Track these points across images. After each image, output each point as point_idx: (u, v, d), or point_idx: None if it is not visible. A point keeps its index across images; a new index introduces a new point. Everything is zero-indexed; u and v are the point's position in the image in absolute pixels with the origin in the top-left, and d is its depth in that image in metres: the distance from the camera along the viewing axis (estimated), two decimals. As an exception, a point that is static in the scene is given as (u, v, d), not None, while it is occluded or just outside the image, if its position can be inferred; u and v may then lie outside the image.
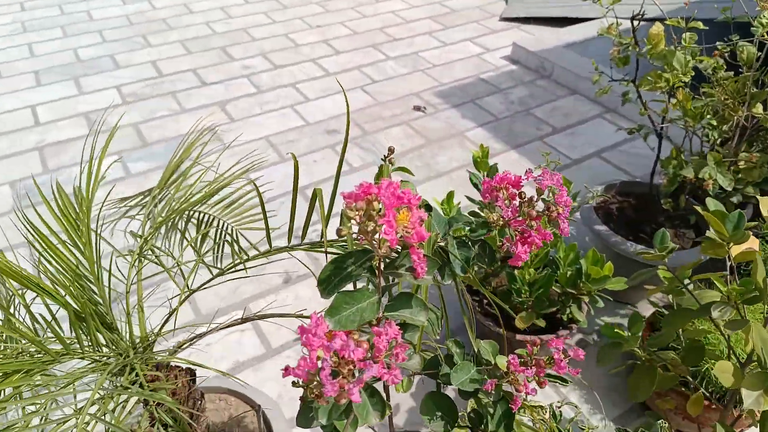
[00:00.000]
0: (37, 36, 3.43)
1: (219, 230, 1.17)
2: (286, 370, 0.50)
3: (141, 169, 2.33)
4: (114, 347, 0.90)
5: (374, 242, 0.48)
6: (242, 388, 1.30)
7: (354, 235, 0.49)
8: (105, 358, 0.87)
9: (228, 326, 0.87)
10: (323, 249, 0.79)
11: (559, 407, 1.05)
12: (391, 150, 0.72)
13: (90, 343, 0.85)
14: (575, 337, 1.67)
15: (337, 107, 2.70)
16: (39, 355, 0.84)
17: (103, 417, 0.77)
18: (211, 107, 2.69)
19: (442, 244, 0.71)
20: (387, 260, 0.52)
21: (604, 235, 1.65)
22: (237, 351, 1.64)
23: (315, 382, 0.48)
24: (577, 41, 3.15)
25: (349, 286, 0.52)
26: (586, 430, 0.94)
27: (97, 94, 2.85)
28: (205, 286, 0.88)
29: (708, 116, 1.63)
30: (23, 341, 0.83)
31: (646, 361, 1.16)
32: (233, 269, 0.86)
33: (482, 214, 0.77)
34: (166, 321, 0.86)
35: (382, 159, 0.73)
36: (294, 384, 0.56)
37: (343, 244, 0.78)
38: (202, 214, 1.14)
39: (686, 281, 1.16)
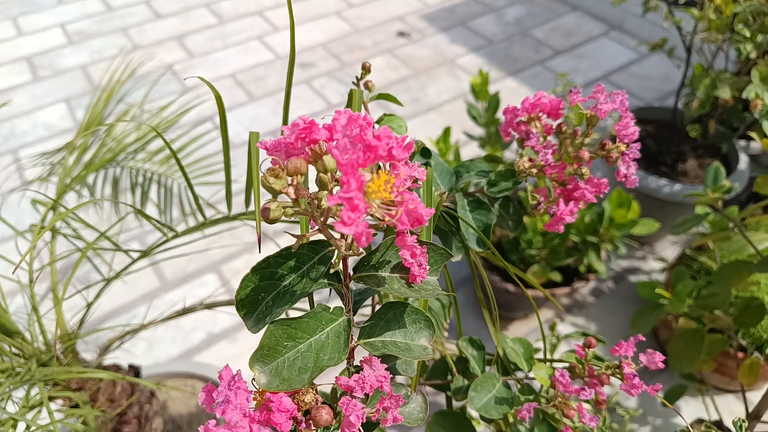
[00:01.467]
0: (-34, -30, 3.02)
1: (164, 189, 0.94)
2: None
3: (91, 117, 2.05)
4: (21, 353, 0.69)
5: (330, 229, 0.26)
6: (210, 371, 1.11)
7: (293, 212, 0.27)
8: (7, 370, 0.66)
9: (166, 319, 0.66)
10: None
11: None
12: (365, 68, 0.49)
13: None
14: (589, 285, 1.49)
15: (311, 37, 2.39)
16: None
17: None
18: (167, 43, 2.37)
19: (447, 203, 0.49)
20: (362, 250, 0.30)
21: (622, 170, 1.43)
22: (210, 322, 1.45)
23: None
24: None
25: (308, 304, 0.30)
26: (626, 416, 0.76)
27: (38, 34, 2.51)
28: (129, 271, 0.66)
29: (740, 26, 1.38)
30: None
31: (680, 317, 0.98)
32: (158, 248, 0.64)
33: (489, 143, 0.55)
34: (83, 319, 0.65)
35: (353, 83, 0.49)
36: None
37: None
38: (136, 171, 0.90)
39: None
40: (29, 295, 0.68)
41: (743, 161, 1.46)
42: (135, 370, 0.80)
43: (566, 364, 0.45)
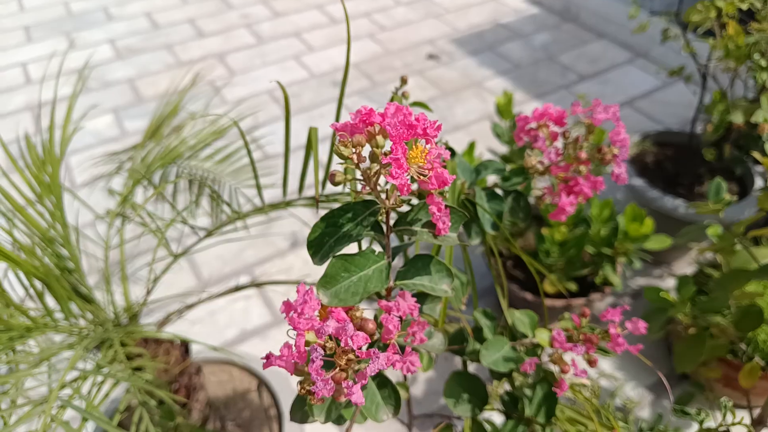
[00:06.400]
0: (27, -10, 3.26)
1: (214, 189, 1.05)
2: (268, 360, 0.38)
3: (138, 126, 2.20)
4: (94, 320, 0.79)
5: (380, 190, 0.35)
6: (246, 360, 1.20)
7: (355, 181, 0.36)
8: (82, 331, 0.76)
9: (220, 296, 0.76)
10: (325, 203, 0.66)
11: (598, 379, 0.94)
12: (403, 80, 0.58)
13: (64, 315, 0.74)
14: (606, 300, 1.55)
15: (344, 57, 2.52)
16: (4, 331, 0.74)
17: (75, 401, 0.67)
18: (209, 60, 2.52)
19: (467, 194, 0.58)
20: (397, 214, 0.39)
21: (640, 189, 1.49)
22: (243, 319, 1.55)
23: (305, 377, 0.37)
24: (604, -19, 2.91)
25: (353, 248, 0.39)
26: (627, 405, 0.82)
27: (89, 49, 2.70)
28: (196, 249, 0.76)
29: (756, 55, 1.45)
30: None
31: (691, 327, 1.04)
32: (221, 229, 0.74)
33: (512, 159, 0.63)
34: (151, 289, 0.75)
35: (393, 92, 0.59)
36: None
37: (349, 198, 0.65)
38: (193, 171, 1.01)
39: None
40: (103, 271, 0.78)
41: (759, 184, 1.51)
42: (185, 346, 0.90)
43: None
